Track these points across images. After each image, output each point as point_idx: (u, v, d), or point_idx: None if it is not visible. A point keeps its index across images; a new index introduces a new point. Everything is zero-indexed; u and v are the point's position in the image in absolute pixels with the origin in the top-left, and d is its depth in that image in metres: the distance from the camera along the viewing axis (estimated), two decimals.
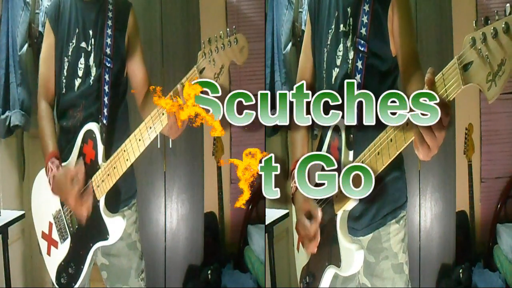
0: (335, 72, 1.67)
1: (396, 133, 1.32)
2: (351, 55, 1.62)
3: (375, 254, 1.71)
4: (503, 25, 1.00)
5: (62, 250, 1.92)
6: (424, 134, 1.23)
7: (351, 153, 1.57)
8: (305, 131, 1.81)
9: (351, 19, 1.64)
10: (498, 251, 2.74)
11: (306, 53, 1.83)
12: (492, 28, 1.02)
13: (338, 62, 1.67)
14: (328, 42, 1.70)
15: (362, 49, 1.58)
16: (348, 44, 1.63)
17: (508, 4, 1.01)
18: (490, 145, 2.86)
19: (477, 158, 2.85)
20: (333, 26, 1.69)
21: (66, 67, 1.90)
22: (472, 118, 2.81)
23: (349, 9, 1.64)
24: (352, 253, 1.55)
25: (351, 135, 1.56)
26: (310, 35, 1.80)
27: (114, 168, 1.74)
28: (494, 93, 1.04)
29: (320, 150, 1.71)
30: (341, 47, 1.66)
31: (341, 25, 1.66)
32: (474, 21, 1.07)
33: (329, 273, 1.63)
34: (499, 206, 2.85)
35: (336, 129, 1.61)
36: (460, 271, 2.74)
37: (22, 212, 2.58)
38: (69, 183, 1.81)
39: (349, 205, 1.55)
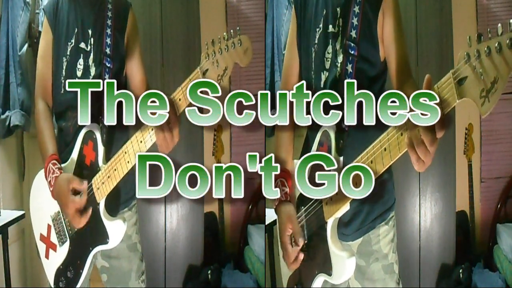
0: (324, 75, 1.63)
1: (390, 142, 1.30)
2: (340, 58, 1.58)
3: (365, 257, 1.68)
4: (496, 45, 1.03)
5: (61, 253, 1.89)
6: (417, 148, 1.22)
7: (341, 159, 1.53)
8: (289, 136, 1.76)
9: (340, 19, 1.59)
10: (498, 251, 2.74)
11: (291, 52, 1.76)
12: (486, 46, 1.04)
13: (327, 65, 1.62)
14: (316, 42, 1.65)
15: (352, 52, 1.54)
16: (337, 46, 1.59)
17: (500, 24, 1.03)
18: (490, 145, 2.86)
19: (477, 158, 2.85)
20: (321, 25, 1.64)
21: (64, 68, 1.88)
22: (472, 118, 2.81)
23: (338, 9, 1.59)
24: (344, 261, 1.52)
25: (341, 141, 1.54)
26: (296, 32, 1.74)
27: (115, 170, 1.71)
28: (487, 109, 1.07)
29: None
30: (329, 49, 1.61)
31: (330, 26, 1.61)
32: (468, 37, 1.10)
33: (319, 281, 1.60)
34: (499, 206, 2.85)
35: (325, 133, 1.58)
36: (460, 271, 2.74)
37: (22, 212, 2.56)
38: (69, 193, 1.77)
39: (340, 212, 1.52)
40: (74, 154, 1.84)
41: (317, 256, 1.59)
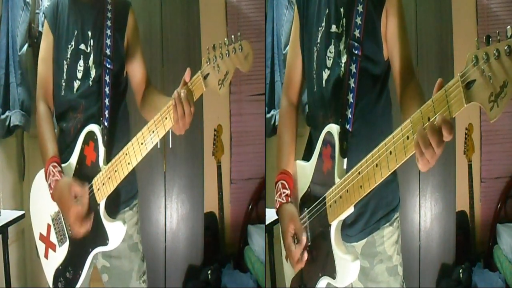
0: (326, 74, 1.61)
1: (396, 145, 1.27)
2: (344, 58, 1.55)
3: (369, 258, 1.66)
4: (505, 48, 0.99)
5: (60, 253, 1.87)
6: (424, 150, 1.20)
7: (345, 161, 1.50)
8: (291, 139, 1.73)
9: (344, 20, 1.57)
10: (498, 251, 2.75)
11: (294, 50, 1.75)
12: (495, 49, 1.00)
13: (329, 63, 1.60)
14: (318, 41, 1.63)
15: (356, 52, 1.52)
16: (341, 47, 1.57)
17: (509, 27, 1.00)
18: (490, 145, 2.87)
19: (477, 158, 2.85)
20: (323, 24, 1.62)
21: (65, 70, 1.87)
22: (472, 118, 2.81)
23: (341, 9, 1.57)
24: (348, 264, 1.47)
25: (345, 142, 1.50)
26: (299, 30, 1.72)
27: (116, 171, 1.69)
28: (496, 113, 1.04)
29: (309, 157, 1.63)
30: (332, 48, 1.59)
31: (333, 26, 1.59)
32: (476, 39, 1.06)
33: (322, 284, 1.56)
34: (499, 206, 2.85)
35: (329, 134, 1.54)
36: (460, 271, 2.75)
37: (22, 212, 2.56)
38: (71, 198, 1.75)
39: (344, 215, 1.47)
40: (75, 155, 1.82)
41: (321, 259, 1.55)
